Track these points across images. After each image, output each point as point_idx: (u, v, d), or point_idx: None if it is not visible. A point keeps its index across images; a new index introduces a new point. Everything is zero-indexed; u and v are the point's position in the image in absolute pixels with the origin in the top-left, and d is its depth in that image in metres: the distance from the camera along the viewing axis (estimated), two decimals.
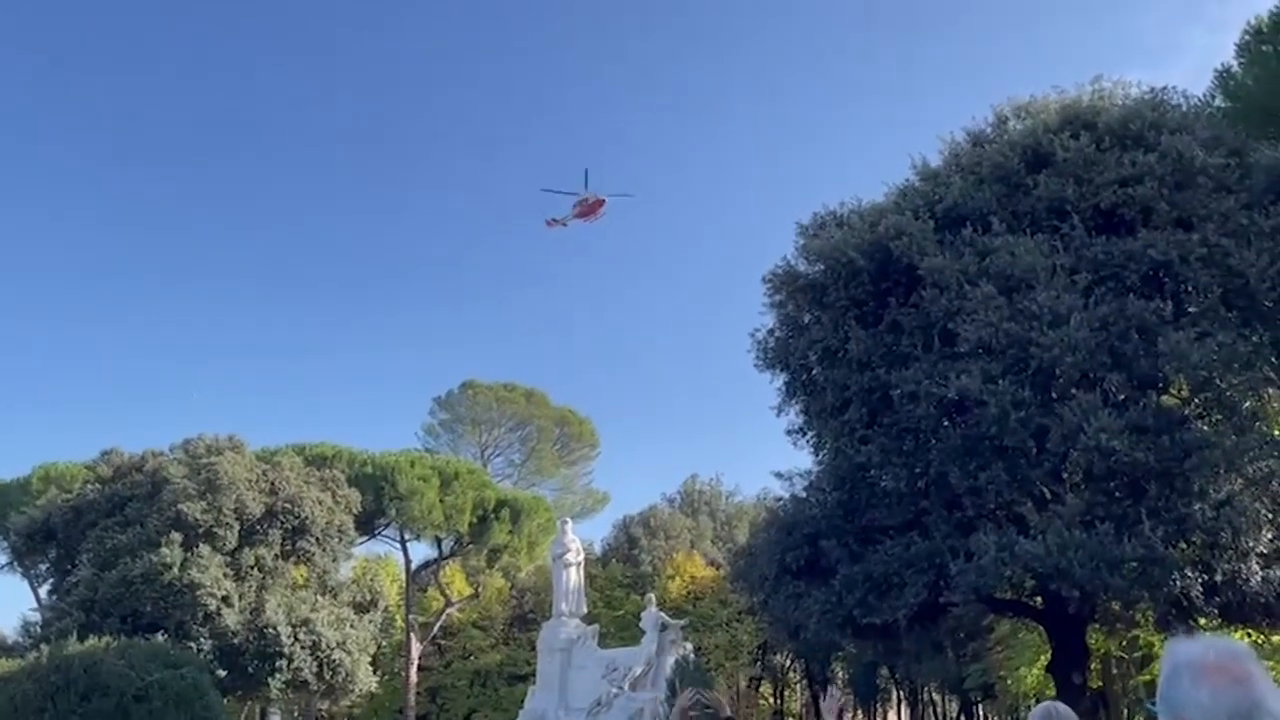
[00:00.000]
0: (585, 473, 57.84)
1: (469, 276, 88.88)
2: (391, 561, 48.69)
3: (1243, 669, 1.75)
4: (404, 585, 45.75)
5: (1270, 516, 17.09)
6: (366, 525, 41.43)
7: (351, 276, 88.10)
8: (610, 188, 47.87)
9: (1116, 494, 16.99)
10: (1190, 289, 18.03)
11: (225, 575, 32.05)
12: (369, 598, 38.81)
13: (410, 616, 44.06)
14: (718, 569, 45.40)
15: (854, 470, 19.83)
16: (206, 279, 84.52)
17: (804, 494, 21.94)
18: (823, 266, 20.99)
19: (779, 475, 23.12)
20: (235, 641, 31.71)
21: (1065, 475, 17.97)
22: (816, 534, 20.12)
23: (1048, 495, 17.91)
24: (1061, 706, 5.30)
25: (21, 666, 24.05)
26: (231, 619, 31.51)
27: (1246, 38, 17.26)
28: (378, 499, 39.91)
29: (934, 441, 18.57)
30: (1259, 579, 16.60)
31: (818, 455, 22.76)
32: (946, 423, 18.93)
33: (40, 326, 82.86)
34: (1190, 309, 17.73)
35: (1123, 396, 17.27)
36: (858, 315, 20.47)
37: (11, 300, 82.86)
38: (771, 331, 22.52)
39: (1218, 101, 18.51)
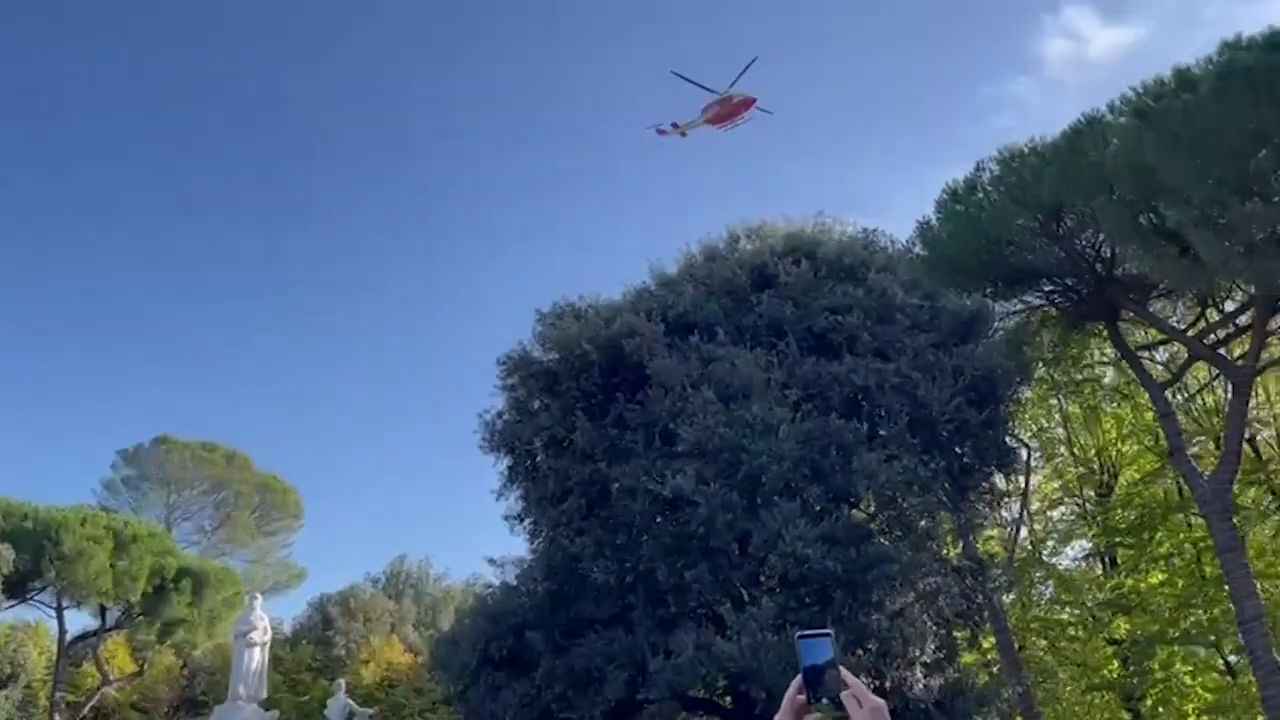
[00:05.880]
0: (284, 544, 54.09)
1: (162, 324, 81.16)
2: (42, 629, 43.04)
3: None
4: (54, 658, 40.48)
5: (934, 629, 18.79)
6: (18, 587, 36.37)
7: (30, 316, 78.31)
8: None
9: (807, 600, 18.01)
10: (883, 414, 19.75)
11: None
12: (9, 670, 34.08)
13: (57, 695, 38.87)
14: (417, 655, 43.65)
15: (567, 560, 19.85)
16: None
17: (515, 582, 21.68)
18: (557, 355, 21.33)
19: (492, 561, 22.79)
20: None
21: (763, 579, 18.88)
22: (523, 624, 19.86)
23: (746, 597, 18.70)
24: None
25: None
26: None
27: (944, 196, 19.53)
28: (35, 558, 35.28)
29: (646, 537, 19.01)
30: (921, 686, 18.11)
31: (533, 543, 22.65)
32: (659, 519, 19.45)
33: None
34: (882, 432, 19.40)
35: (819, 507, 18.50)
36: (586, 407, 20.83)
37: None
38: (500, 414, 22.44)
39: (918, 249, 20.73)
